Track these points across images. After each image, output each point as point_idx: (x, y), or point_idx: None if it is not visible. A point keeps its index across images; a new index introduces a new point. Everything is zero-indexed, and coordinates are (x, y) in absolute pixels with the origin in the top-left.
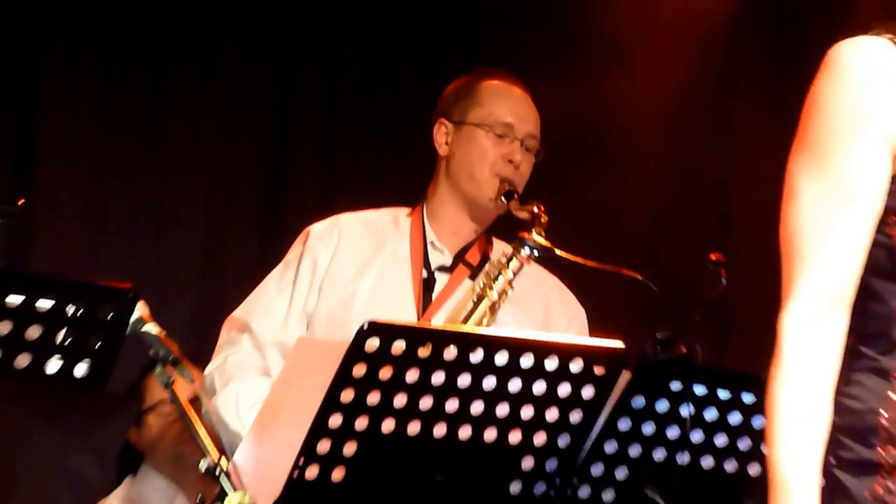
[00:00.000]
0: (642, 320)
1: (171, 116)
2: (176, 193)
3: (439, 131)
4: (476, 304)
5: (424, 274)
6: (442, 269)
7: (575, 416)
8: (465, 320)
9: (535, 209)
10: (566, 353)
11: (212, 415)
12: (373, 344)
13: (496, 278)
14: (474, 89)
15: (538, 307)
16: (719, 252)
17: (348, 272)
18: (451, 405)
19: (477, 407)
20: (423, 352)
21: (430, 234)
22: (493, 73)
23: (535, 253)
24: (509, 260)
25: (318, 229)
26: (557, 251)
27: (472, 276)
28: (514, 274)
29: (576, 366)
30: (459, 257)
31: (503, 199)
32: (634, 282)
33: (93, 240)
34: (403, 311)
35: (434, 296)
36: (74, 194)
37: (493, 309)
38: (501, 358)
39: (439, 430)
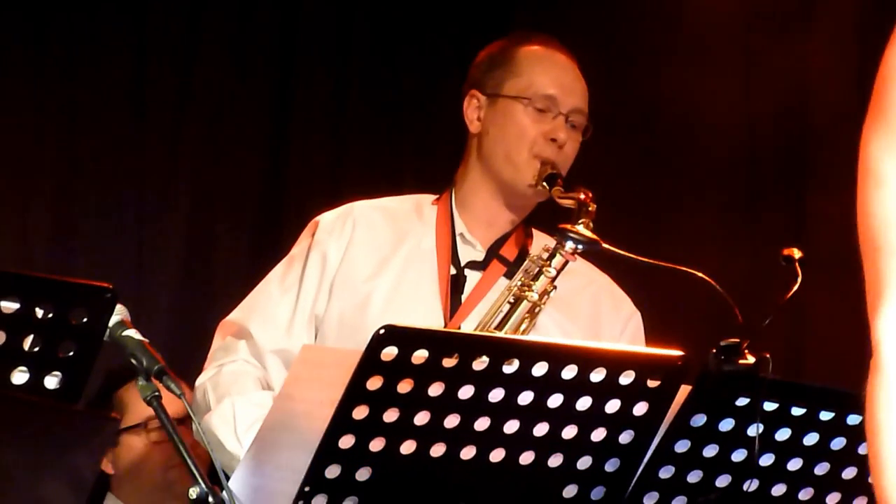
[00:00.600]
0: (704, 325)
1: (152, 91)
2: (158, 178)
3: (470, 105)
4: (513, 307)
5: (452, 271)
6: (473, 265)
7: (625, 437)
8: (500, 326)
9: (582, 196)
10: (615, 363)
11: (205, 434)
12: (390, 353)
13: (536, 276)
14: (511, 56)
15: (586, 310)
16: (794, 247)
17: (363, 270)
18: (482, 424)
19: (511, 426)
20: (449, 362)
21: (460, 225)
22: (534, 37)
23: (580, 247)
24: (551, 255)
25: (328, 219)
26: (606, 245)
27: (508, 274)
28: (558, 271)
29: (626, 378)
30: (493, 252)
31: (544, 184)
32: (696, 281)
33: (62, 236)
34: (428, 315)
35: (464, 297)
36: (41, 185)
37: (533, 312)
38: (540, 369)
39: (467, 452)
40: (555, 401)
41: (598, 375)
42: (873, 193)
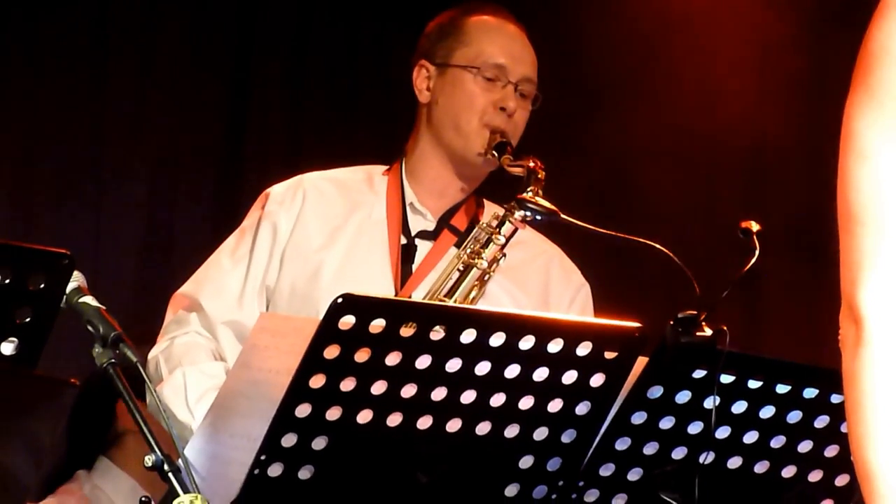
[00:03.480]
0: (661, 297)
1: (113, 56)
2: (117, 147)
3: (420, 75)
4: (463, 274)
5: (403, 241)
6: (423, 234)
7: (582, 408)
8: (450, 293)
9: (531, 164)
10: (572, 334)
11: (157, 404)
12: (348, 321)
13: (486, 244)
14: (460, 26)
15: (536, 280)
16: (751, 219)
17: (314, 240)
18: (438, 394)
19: (468, 396)
20: (407, 331)
21: (410, 195)
22: (483, 7)
23: (537, 217)
24: (501, 223)
25: (278, 191)
26: (562, 215)
27: (459, 244)
28: (507, 239)
29: (583, 350)
30: (444, 222)
31: (494, 152)
32: (653, 252)
33: (20, 202)
34: (378, 285)
35: (414, 266)
36: (0, 149)
37: (483, 280)
38: (497, 340)
39: (424, 422)
40: (512, 371)
41: (555, 346)
42: (857, 167)
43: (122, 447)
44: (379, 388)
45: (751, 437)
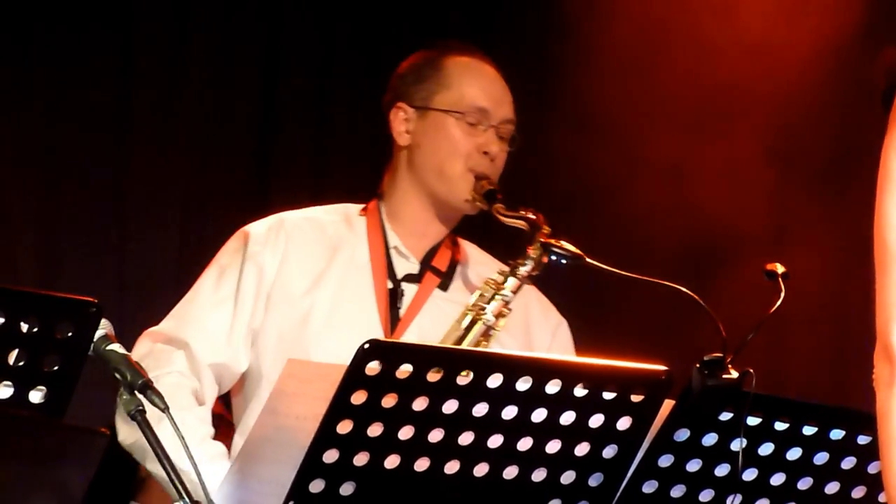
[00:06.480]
0: (687, 340)
1: (140, 103)
2: (145, 193)
3: (397, 117)
4: (468, 329)
5: (389, 285)
6: (409, 278)
7: (609, 452)
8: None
9: (532, 216)
10: (599, 378)
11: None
12: (375, 367)
13: (491, 299)
14: (439, 68)
15: (516, 319)
16: (776, 262)
17: (299, 283)
18: (466, 438)
19: (495, 440)
20: (434, 376)
21: (394, 238)
22: (459, 47)
23: (562, 261)
24: (507, 278)
25: (259, 231)
26: (589, 259)
27: (443, 286)
28: (514, 293)
29: (610, 393)
30: (426, 264)
31: (483, 200)
32: (678, 295)
33: (47, 247)
34: (368, 330)
35: (402, 311)
36: (27, 194)
37: (488, 335)
38: (524, 384)
39: (451, 466)
40: (539, 415)
41: (581, 390)
42: (894, 205)
43: (149, 490)
44: (406, 433)
45: (778, 479)
